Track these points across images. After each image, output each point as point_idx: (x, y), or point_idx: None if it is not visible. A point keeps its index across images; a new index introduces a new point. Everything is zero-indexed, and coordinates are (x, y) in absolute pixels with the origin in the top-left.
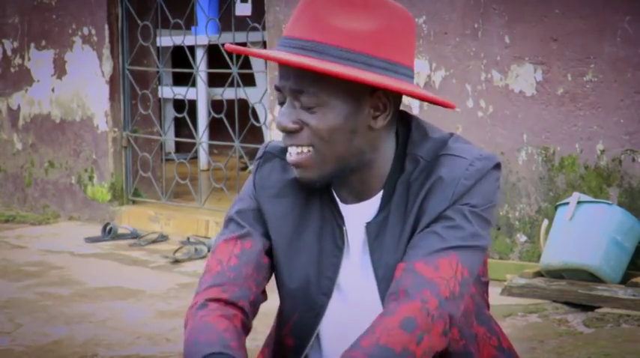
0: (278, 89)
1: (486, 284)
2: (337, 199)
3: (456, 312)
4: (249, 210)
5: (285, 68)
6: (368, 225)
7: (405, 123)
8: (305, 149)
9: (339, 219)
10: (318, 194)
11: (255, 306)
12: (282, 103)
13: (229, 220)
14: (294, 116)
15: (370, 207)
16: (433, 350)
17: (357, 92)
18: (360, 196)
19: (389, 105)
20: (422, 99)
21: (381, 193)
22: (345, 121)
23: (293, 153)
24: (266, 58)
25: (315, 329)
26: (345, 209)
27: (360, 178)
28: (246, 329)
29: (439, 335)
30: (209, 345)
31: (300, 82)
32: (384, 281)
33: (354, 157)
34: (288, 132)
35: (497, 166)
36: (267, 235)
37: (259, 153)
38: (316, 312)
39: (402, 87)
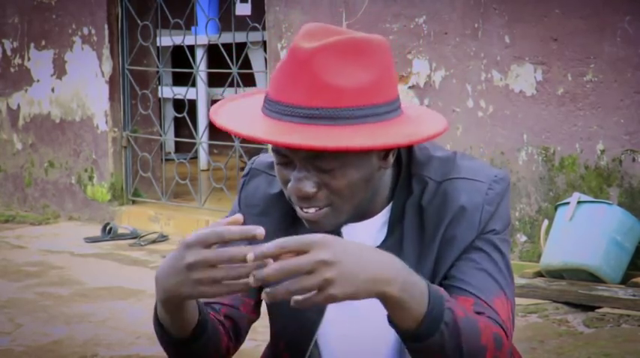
0: (283, 155)
1: None
2: None
3: (510, 356)
4: None
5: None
6: (378, 248)
7: None
8: (322, 207)
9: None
10: None
11: (232, 321)
12: (283, 164)
13: None
14: (312, 180)
15: (372, 226)
16: None
17: None
18: (362, 215)
19: None
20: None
21: (383, 212)
22: (362, 173)
23: (310, 212)
24: (283, 145)
25: (309, 344)
26: (346, 229)
27: (368, 203)
28: (231, 337)
29: None
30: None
31: (313, 150)
32: None
33: (368, 198)
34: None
35: (509, 183)
36: None
37: (245, 170)
38: (309, 329)
39: (413, 140)
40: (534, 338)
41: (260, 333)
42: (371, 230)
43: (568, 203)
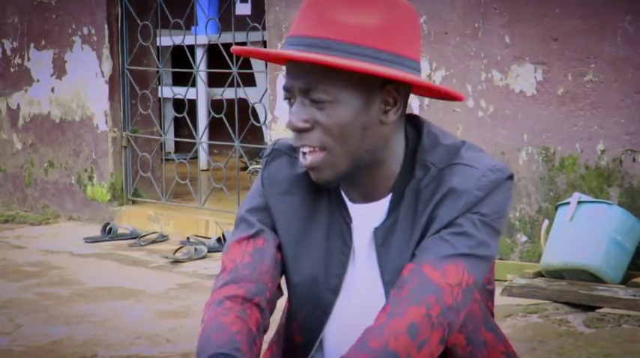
0: (286, 89)
1: (491, 292)
2: (345, 198)
3: (456, 321)
4: (258, 207)
5: (293, 66)
6: (376, 230)
7: (414, 127)
8: (317, 149)
9: (347, 217)
10: (327, 192)
11: (272, 302)
12: (291, 104)
13: (240, 220)
14: (305, 114)
15: (378, 209)
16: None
17: (367, 86)
18: (368, 197)
19: (399, 98)
20: (431, 89)
21: (389, 197)
22: (356, 117)
23: (306, 155)
24: (273, 57)
25: (322, 327)
26: (353, 208)
27: (371, 177)
28: (262, 328)
29: (437, 343)
30: (219, 346)
31: (309, 79)
32: (391, 286)
33: (367, 153)
34: (299, 131)
35: (510, 178)
36: (276, 231)
37: (267, 151)
38: (323, 310)
39: (413, 79)
40: (534, 338)
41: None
42: (375, 212)
43: (568, 203)
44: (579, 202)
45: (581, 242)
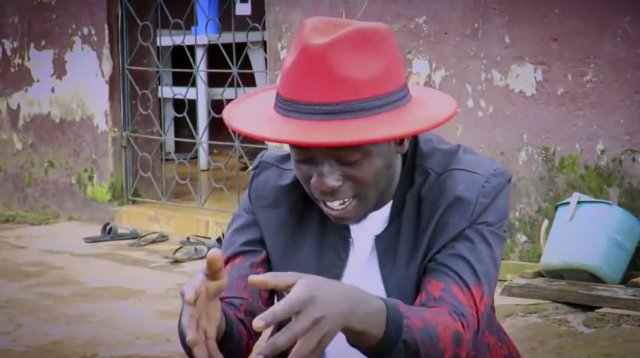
0: (302, 150)
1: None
2: None
3: (474, 344)
4: (243, 226)
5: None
6: (377, 237)
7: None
8: (349, 200)
9: (344, 230)
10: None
11: (253, 315)
12: (304, 161)
13: (226, 242)
14: (337, 174)
15: (379, 217)
16: None
17: None
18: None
19: None
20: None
21: (389, 204)
22: (384, 161)
23: (336, 208)
24: (314, 145)
25: None
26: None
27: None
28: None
29: None
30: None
31: (336, 151)
32: (394, 294)
33: (388, 184)
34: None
35: (509, 180)
36: (264, 246)
37: (254, 163)
38: None
39: (438, 120)
40: (534, 338)
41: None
42: (377, 220)
43: (568, 203)
44: (579, 202)
45: (581, 242)
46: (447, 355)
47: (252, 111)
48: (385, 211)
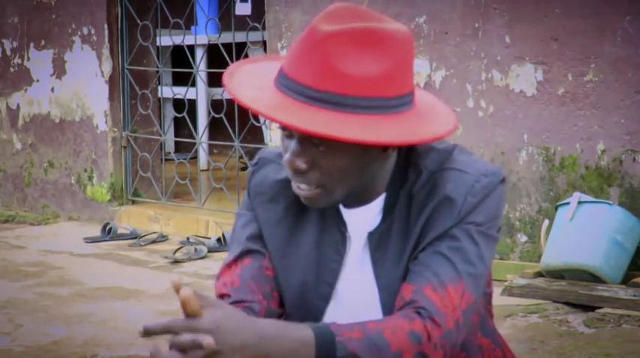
0: (284, 128)
1: (490, 295)
2: (340, 205)
3: (457, 342)
4: (246, 225)
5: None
6: (370, 234)
7: None
8: (314, 187)
9: (341, 225)
10: None
11: (270, 317)
12: (286, 135)
13: (231, 241)
14: (305, 156)
15: (371, 211)
16: None
17: None
18: (361, 200)
19: None
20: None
21: (381, 198)
22: (354, 161)
23: (303, 189)
24: (279, 123)
25: None
26: (347, 214)
27: (366, 186)
28: None
29: None
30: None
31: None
32: (386, 291)
33: (364, 184)
34: (298, 171)
35: (503, 181)
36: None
37: (254, 161)
38: (314, 317)
39: (415, 139)
40: (535, 338)
41: None
42: (369, 215)
43: (568, 203)
44: (579, 202)
45: (581, 242)
46: (408, 356)
47: (253, 77)
48: (377, 204)
